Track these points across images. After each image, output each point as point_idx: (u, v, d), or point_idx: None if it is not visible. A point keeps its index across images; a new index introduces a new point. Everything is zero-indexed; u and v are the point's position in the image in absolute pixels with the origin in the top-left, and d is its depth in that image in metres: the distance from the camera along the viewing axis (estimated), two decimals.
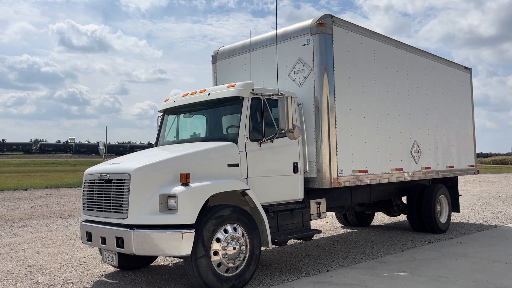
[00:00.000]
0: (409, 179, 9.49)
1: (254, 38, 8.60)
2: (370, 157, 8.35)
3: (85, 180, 6.49)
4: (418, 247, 8.76)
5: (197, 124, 7.79)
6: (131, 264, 7.13)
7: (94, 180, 6.25)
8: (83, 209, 6.47)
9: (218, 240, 5.70)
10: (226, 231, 5.80)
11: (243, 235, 5.95)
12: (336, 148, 7.54)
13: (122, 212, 5.67)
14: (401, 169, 9.18)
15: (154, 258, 7.56)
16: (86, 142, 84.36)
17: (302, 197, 7.26)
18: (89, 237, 6.27)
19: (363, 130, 8.23)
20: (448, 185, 11.25)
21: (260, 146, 6.62)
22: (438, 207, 10.57)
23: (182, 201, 5.47)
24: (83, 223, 6.44)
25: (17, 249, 8.96)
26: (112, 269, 7.28)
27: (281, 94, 6.54)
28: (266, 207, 6.59)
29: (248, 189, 6.24)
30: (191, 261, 5.52)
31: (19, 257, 8.22)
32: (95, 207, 6.18)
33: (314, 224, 11.86)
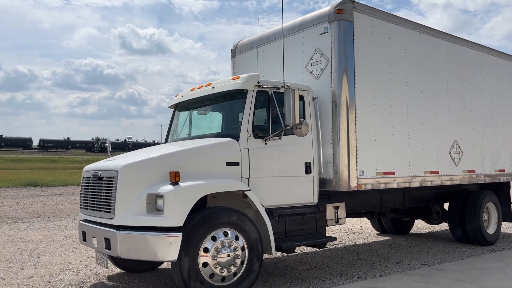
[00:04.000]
0: (447, 183, 8.47)
1: (272, 30, 8.03)
2: (399, 157, 7.49)
3: (82, 178, 6.24)
4: (480, 256, 8.10)
5: (206, 120, 7.34)
6: (137, 266, 6.78)
7: (90, 177, 5.97)
8: (80, 207, 6.23)
9: (208, 246, 5.20)
10: (218, 236, 5.28)
11: (237, 239, 5.40)
12: (356, 147, 6.79)
13: (110, 212, 5.33)
14: (437, 172, 8.20)
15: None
16: (143, 141, 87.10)
17: (316, 200, 6.60)
18: (83, 237, 6.01)
19: (390, 127, 7.39)
20: (499, 191, 10.02)
21: (266, 143, 6.05)
22: (485, 216, 9.43)
23: (169, 201, 5.03)
24: (80, 222, 6.19)
25: (79, 241, 8.65)
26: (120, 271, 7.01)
27: (287, 86, 5.92)
28: (271, 210, 6.01)
29: (248, 190, 5.69)
30: (177, 267, 5.06)
31: (80, 249, 8.52)
32: (89, 206, 5.91)
33: (337, 230, 11.09)
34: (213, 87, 6.50)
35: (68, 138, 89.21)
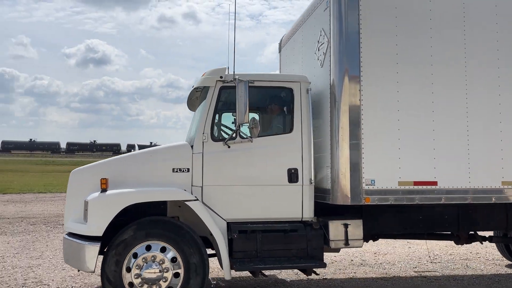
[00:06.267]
0: None
1: (301, 14, 6.94)
2: (446, 162, 5.44)
3: None
4: None
5: (194, 120, 6.69)
6: None
7: None
8: None
9: (134, 258, 4.79)
10: (148, 248, 4.82)
11: (167, 252, 4.82)
12: (362, 149, 5.25)
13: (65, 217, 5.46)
14: None
15: None
16: None
17: (308, 215, 5.37)
18: None
19: (427, 121, 5.44)
20: None
21: (229, 147, 5.24)
22: None
23: (91, 209, 4.85)
24: None
25: None
26: None
27: (235, 78, 5.01)
28: (235, 225, 5.17)
29: (193, 199, 5.02)
30: (101, 279, 4.82)
31: None
32: None
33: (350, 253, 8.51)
34: (193, 86, 6.00)
35: (94, 141, 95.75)
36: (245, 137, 5.17)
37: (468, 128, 5.52)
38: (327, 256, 7.70)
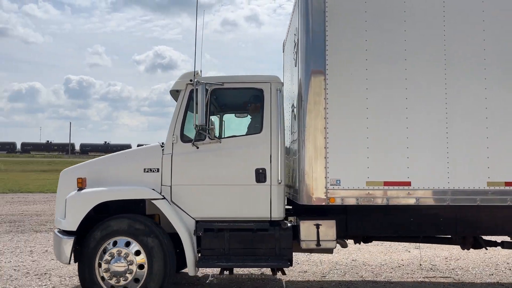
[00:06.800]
0: None
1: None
2: (422, 160, 5.15)
3: None
4: None
5: None
6: None
7: None
8: None
9: (103, 253, 5.16)
10: (115, 243, 5.17)
11: (130, 246, 5.13)
12: (327, 148, 5.16)
13: None
14: None
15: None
16: None
17: (277, 215, 5.38)
18: None
19: (399, 118, 5.19)
20: None
21: (198, 147, 5.43)
22: None
23: (68, 206, 5.31)
24: None
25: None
26: None
27: (195, 81, 5.16)
28: (202, 223, 5.35)
29: (159, 198, 5.28)
30: (78, 274, 5.25)
31: (344, 251, 8.20)
32: None
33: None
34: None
35: (106, 142, 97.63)
36: (213, 138, 5.32)
37: (447, 125, 5.18)
38: (394, 259, 7.72)
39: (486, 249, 6.16)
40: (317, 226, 5.35)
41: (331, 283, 6.38)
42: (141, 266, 5.13)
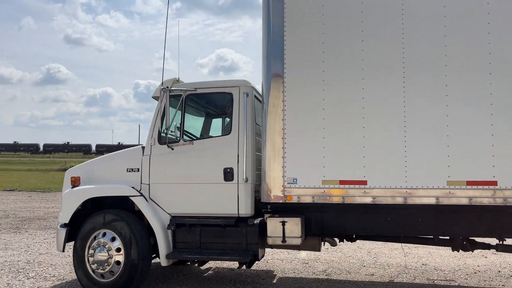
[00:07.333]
0: None
1: None
2: (379, 159, 5.17)
3: None
4: None
5: None
6: None
7: None
8: None
9: (91, 243, 5.84)
10: (103, 235, 5.81)
11: (113, 241, 5.73)
12: (284, 148, 5.38)
13: None
14: (491, 183, 4.92)
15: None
16: None
17: (245, 212, 5.70)
18: None
19: (356, 118, 5.24)
20: None
21: (172, 149, 5.91)
22: None
23: (62, 202, 6.09)
24: None
25: (411, 246, 8.52)
26: None
27: (162, 88, 5.64)
28: (175, 218, 5.83)
29: (137, 195, 5.84)
30: (73, 262, 5.97)
31: (413, 254, 8.21)
32: None
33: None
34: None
35: (120, 143, 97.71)
36: (178, 141, 5.79)
37: (405, 124, 5.14)
38: (469, 264, 7.42)
39: (472, 251, 5.94)
40: (283, 223, 5.56)
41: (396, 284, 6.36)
42: (118, 250, 5.71)
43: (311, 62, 5.39)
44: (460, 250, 5.86)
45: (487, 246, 5.82)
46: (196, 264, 6.06)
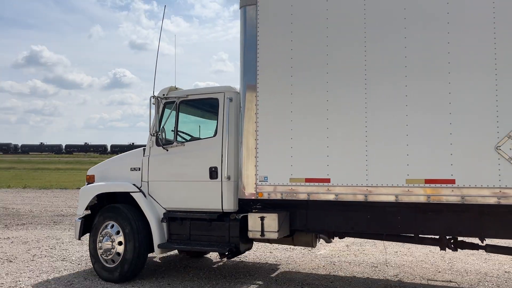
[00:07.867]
0: (492, 202, 4.82)
1: None
2: (341, 158, 5.41)
3: None
4: None
5: None
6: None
7: None
8: None
9: (100, 234, 6.69)
10: (110, 226, 6.64)
11: (118, 233, 6.51)
12: (256, 148, 5.82)
13: None
14: (449, 182, 4.96)
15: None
16: None
17: (228, 207, 6.21)
18: None
19: (321, 120, 5.52)
20: None
21: (167, 150, 6.59)
22: None
23: (79, 197, 7.03)
24: None
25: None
26: None
27: (152, 96, 6.34)
28: (170, 213, 6.49)
29: (137, 191, 6.59)
30: (89, 251, 6.87)
31: (493, 261, 7.78)
32: None
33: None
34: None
35: (132, 143, 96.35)
36: (166, 143, 6.47)
37: (366, 124, 5.33)
38: (485, 265, 7.28)
39: (456, 251, 5.91)
40: (262, 218, 6.00)
41: None
42: (120, 243, 6.50)
43: (281, 68, 5.75)
44: (457, 251, 5.89)
45: (476, 246, 5.78)
46: (188, 255, 6.69)
